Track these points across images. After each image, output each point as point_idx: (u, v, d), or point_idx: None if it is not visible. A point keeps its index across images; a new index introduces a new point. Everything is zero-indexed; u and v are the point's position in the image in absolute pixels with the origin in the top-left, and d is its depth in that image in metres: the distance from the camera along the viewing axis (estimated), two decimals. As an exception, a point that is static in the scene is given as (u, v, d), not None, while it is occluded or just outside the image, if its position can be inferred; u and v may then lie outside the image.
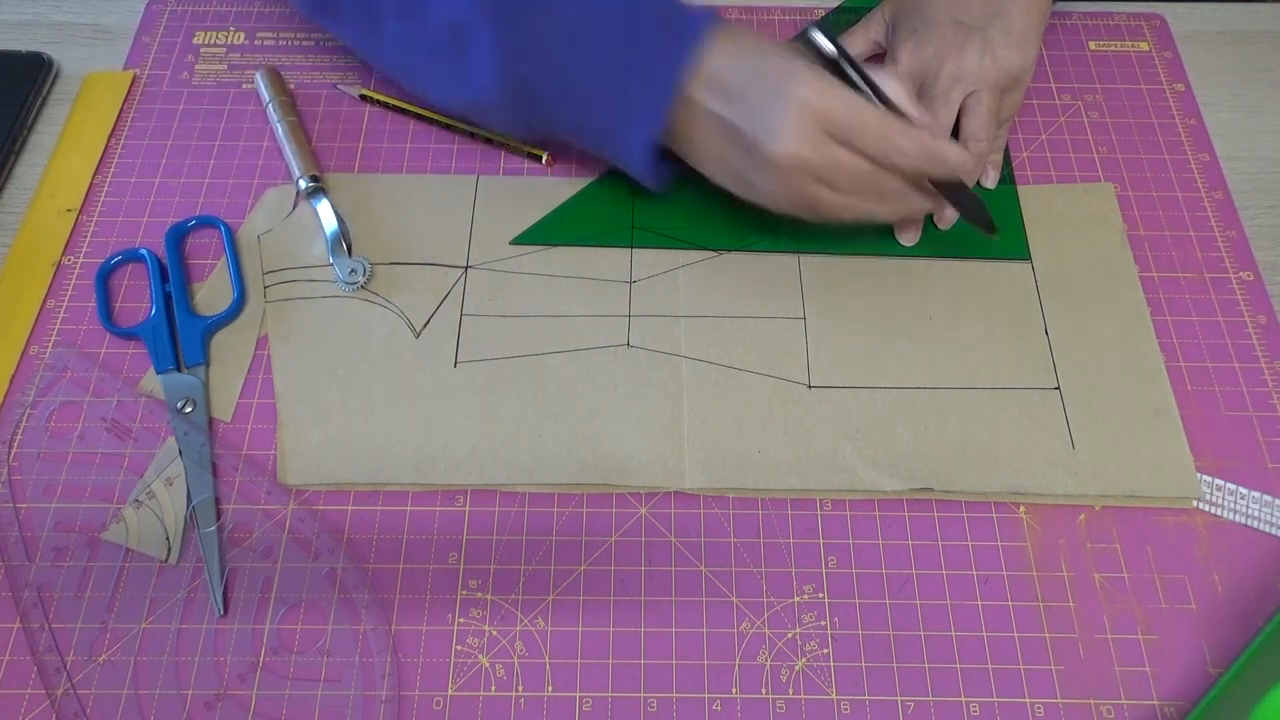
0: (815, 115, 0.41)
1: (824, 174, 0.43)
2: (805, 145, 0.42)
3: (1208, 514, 0.45)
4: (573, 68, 0.45)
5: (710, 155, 0.46)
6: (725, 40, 0.44)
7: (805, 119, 0.41)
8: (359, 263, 0.52)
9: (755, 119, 0.42)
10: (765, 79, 0.42)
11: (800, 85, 0.41)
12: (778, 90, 0.42)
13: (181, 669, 0.42)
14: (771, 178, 0.44)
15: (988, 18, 0.52)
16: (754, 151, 0.43)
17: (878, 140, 0.42)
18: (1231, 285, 0.52)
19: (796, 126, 0.41)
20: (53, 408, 0.48)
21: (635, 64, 0.45)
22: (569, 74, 0.46)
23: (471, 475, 0.46)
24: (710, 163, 0.47)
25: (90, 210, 0.55)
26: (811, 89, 0.41)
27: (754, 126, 0.43)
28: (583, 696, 0.41)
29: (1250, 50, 0.62)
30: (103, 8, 0.64)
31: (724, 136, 0.45)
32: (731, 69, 0.43)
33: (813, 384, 0.48)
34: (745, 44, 0.44)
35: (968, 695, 0.41)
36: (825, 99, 0.41)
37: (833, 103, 0.41)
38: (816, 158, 0.42)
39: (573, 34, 0.45)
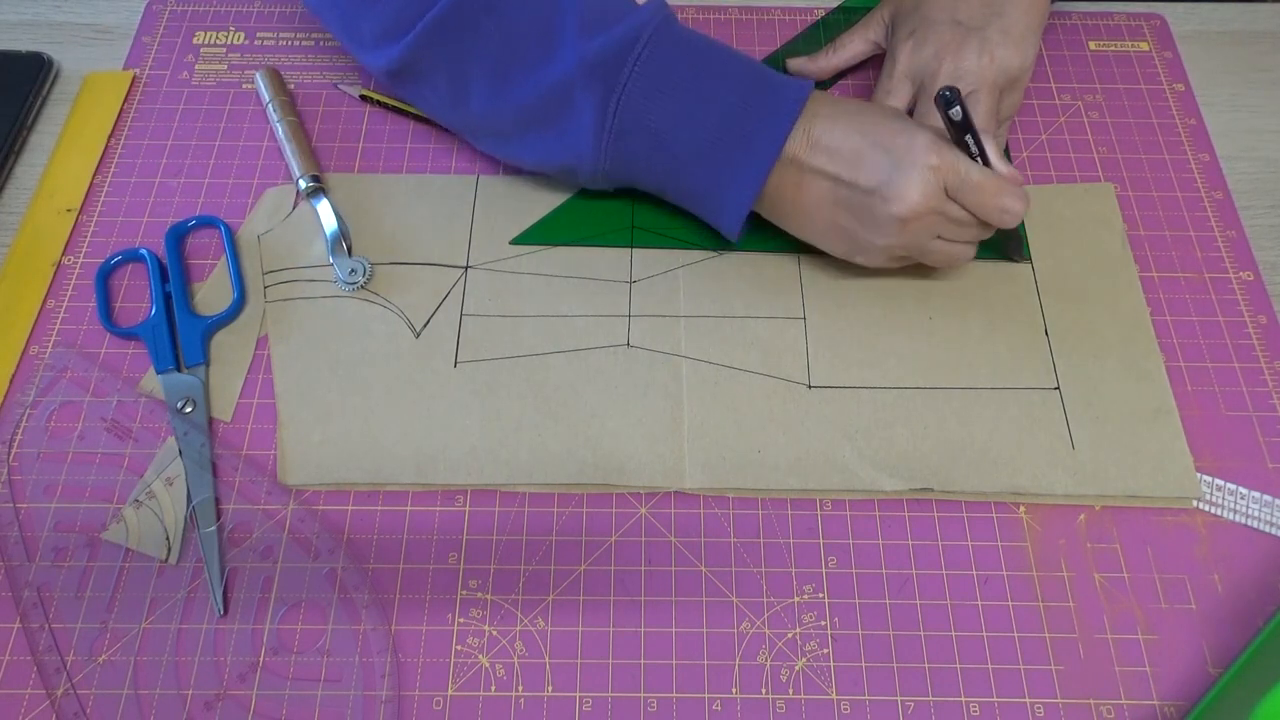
0: (938, 177, 0.44)
1: (938, 227, 0.46)
2: (930, 201, 0.44)
3: (1208, 514, 0.45)
4: (674, 133, 0.46)
5: (812, 213, 0.47)
6: (823, 105, 0.46)
7: (930, 179, 0.44)
8: (359, 263, 0.52)
9: (879, 180, 0.44)
10: (883, 142, 0.45)
11: (923, 149, 0.44)
12: (899, 155, 0.44)
13: (181, 669, 0.42)
14: (890, 233, 0.45)
15: (986, 18, 0.52)
16: (873, 209, 0.45)
17: (989, 199, 0.45)
18: (1231, 285, 0.52)
19: (922, 186, 0.44)
20: (53, 408, 0.48)
21: (738, 129, 0.46)
22: (669, 138, 0.46)
23: (471, 475, 0.46)
24: (810, 220, 0.48)
25: (90, 210, 0.55)
26: (936, 155, 0.44)
27: (876, 184, 0.44)
28: (583, 696, 0.41)
29: (1250, 50, 0.62)
30: (103, 8, 0.64)
31: (835, 195, 0.46)
32: (841, 132, 0.45)
33: (813, 384, 0.48)
34: (848, 107, 0.47)
35: (968, 695, 0.41)
36: (945, 160, 0.44)
37: (954, 166, 0.44)
38: (938, 214, 0.45)
39: (676, 101, 0.46)
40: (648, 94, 0.46)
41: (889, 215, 0.45)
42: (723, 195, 0.48)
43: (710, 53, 0.47)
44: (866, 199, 0.45)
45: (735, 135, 0.46)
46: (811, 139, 0.46)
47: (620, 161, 0.48)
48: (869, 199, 0.45)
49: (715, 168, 0.47)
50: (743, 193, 0.47)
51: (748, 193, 0.47)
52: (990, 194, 0.44)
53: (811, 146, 0.46)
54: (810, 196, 0.47)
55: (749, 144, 0.46)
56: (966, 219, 0.46)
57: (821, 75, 0.59)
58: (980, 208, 0.45)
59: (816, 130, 0.46)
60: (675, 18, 0.48)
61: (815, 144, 0.46)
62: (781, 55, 0.61)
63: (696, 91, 0.46)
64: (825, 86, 0.60)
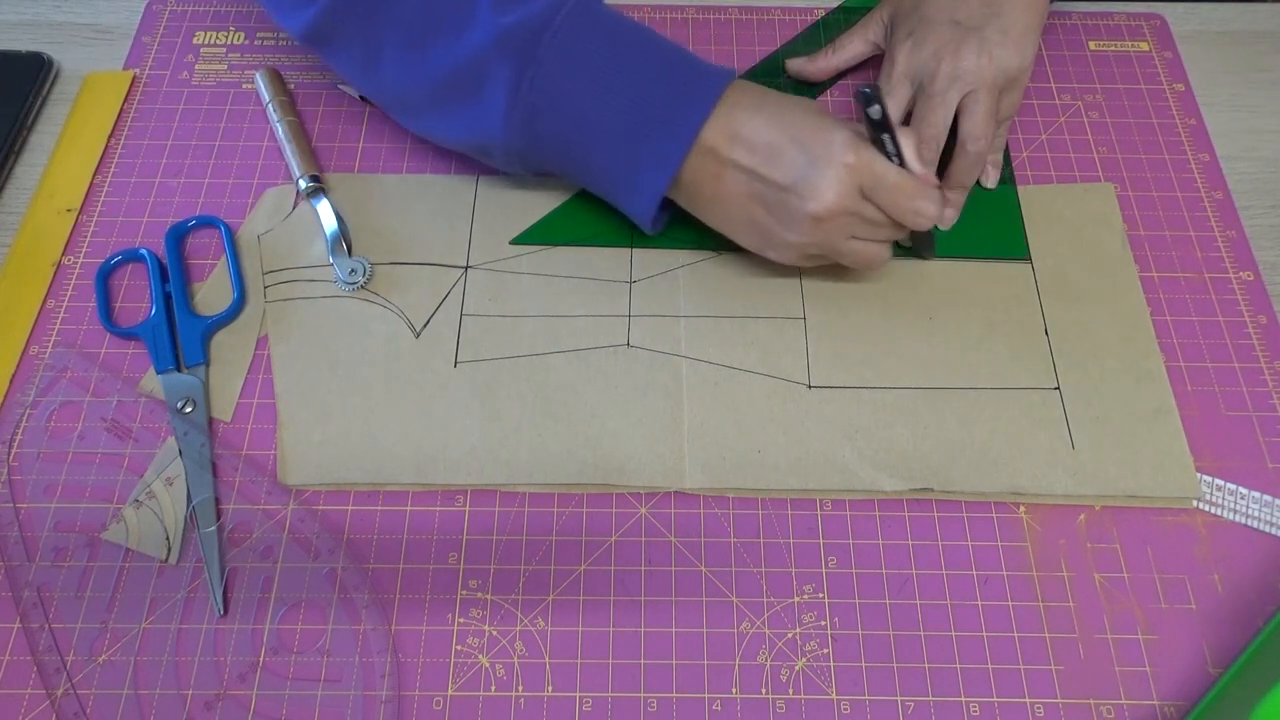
0: (854, 175, 0.44)
1: (853, 227, 0.46)
2: (845, 201, 0.44)
3: (1208, 514, 0.45)
4: (588, 113, 0.45)
5: (727, 205, 0.47)
6: (745, 95, 0.46)
7: (846, 180, 0.44)
8: (359, 263, 0.52)
9: (794, 176, 0.44)
10: (801, 138, 0.44)
11: (840, 148, 0.43)
12: (816, 151, 0.44)
13: (181, 669, 0.42)
14: (804, 231, 0.45)
15: (985, 18, 0.52)
16: (787, 206, 0.45)
17: (903, 200, 0.44)
18: (1231, 285, 0.52)
19: (837, 185, 0.44)
20: (53, 408, 0.48)
21: (653, 112, 0.45)
22: (583, 119, 0.46)
23: (471, 475, 0.46)
24: (726, 212, 0.47)
25: (90, 210, 0.55)
26: (853, 154, 0.43)
27: (791, 181, 0.44)
28: (583, 696, 0.41)
29: (1250, 50, 0.62)
30: (103, 8, 0.64)
31: (750, 188, 0.45)
32: (760, 124, 0.45)
33: (813, 384, 0.48)
34: (770, 100, 0.46)
35: (968, 695, 0.41)
36: (861, 159, 0.44)
37: (870, 165, 0.44)
38: (852, 214, 0.45)
39: (591, 79, 0.45)
40: (563, 73, 0.45)
41: (803, 213, 0.44)
42: (636, 181, 0.47)
43: (631, 34, 0.46)
44: (782, 195, 0.44)
45: (651, 120, 0.45)
46: (730, 130, 0.45)
47: (533, 142, 0.47)
48: (784, 195, 0.44)
49: (629, 153, 0.46)
50: (655, 180, 0.46)
51: (660, 180, 0.46)
52: (905, 195, 0.44)
53: (730, 138, 0.45)
54: (727, 189, 0.46)
55: (664, 130, 0.45)
56: (881, 219, 0.45)
57: (821, 76, 0.59)
58: (894, 208, 0.45)
59: (736, 121, 0.45)
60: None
61: (734, 135, 0.45)
62: (781, 55, 0.61)
63: (614, 73, 0.45)
64: (825, 87, 0.60)
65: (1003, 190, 0.55)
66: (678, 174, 0.46)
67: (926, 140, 0.51)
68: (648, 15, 0.63)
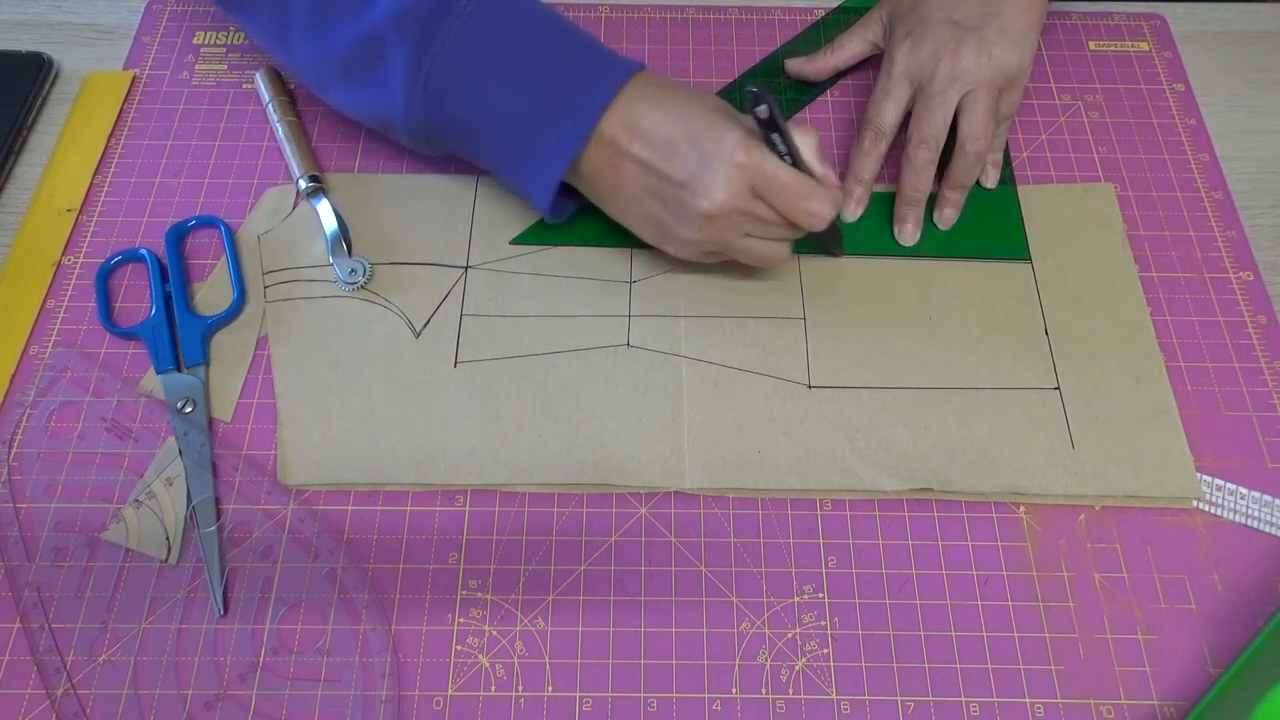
0: (744, 176, 0.44)
1: (746, 225, 0.46)
2: (734, 198, 0.44)
3: (1208, 514, 0.45)
4: (488, 96, 0.45)
5: (625, 197, 0.47)
6: (649, 88, 0.46)
7: (735, 177, 0.44)
8: (359, 263, 0.52)
9: (688, 173, 0.44)
10: (698, 136, 0.44)
11: (732, 147, 0.43)
12: (709, 149, 0.44)
13: (181, 669, 0.42)
14: (697, 228, 0.45)
15: (984, 17, 0.52)
16: (681, 201, 0.45)
17: (795, 201, 0.44)
18: (1231, 285, 0.52)
19: (727, 184, 0.44)
20: (53, 408, 0.48)
21: (553, 99, 0.45)
22: (483, 102, 0.46)
23: (471, 475, 0.46)
24: (624, 204, 0.47)
25: (90, 210, 0.55)
26: (742, 151, 0.43)
27: (685, 177, 0.44)
28: (583, 696, 0.41)
29: (1250, 50, 0.62)
30: (103, 8, 0.64)
31: (646, 182, 0.45)
32: (659, 118, 0.44)
33: (813, 384, 0.48)
34: (672, 94, 0.45)
35: (968, 695, 0.41)
36: (753, 159, 0.43)
37: (758, 163, 0.44)
38: (740, 212, 0.45)
39: (493, 62, 0.45)
40: (465, 54, 0.45)
41: (695, 210, 0.44)
42: (534, 168, 0.47)
43: (537, 19, 0.46)
44: (676, 191, 0.44)
45: (551, 107, 0.45)
46: (630, 122, 0.45)
47: (433, 122, 0.47)
48: (678, 191, 0.44)
49: (528, 139, 0.46)
50: (552, 167, 0.46)
51: (557, 167, 0.46)
52: (797, 196, 0.44)
53: (629, 130, 0.45)
54: (625, 181, 0.46)
55: (563, 117, 0.45)
56: (774, 218, 0.45)
57: (820, 76, 0.59)
58: (786, 208, 0.45)
59: (635, 114, 0.45)
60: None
61: (633, 128, 0.45)
62: (781, 55, 0.61)
63: (517, 57, 0.45)
64: (823, 87, 0.60)
65: (1003, 190, 0.55)
66: (577, 163, 0.47)
67: (926, 140, 0.51)
68: (648, 15, 0.63)
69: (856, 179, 0.54)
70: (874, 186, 0.55)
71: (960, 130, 0.51)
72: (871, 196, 0.54)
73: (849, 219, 0.54)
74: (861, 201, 0.54)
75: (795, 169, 0.44)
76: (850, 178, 0.54)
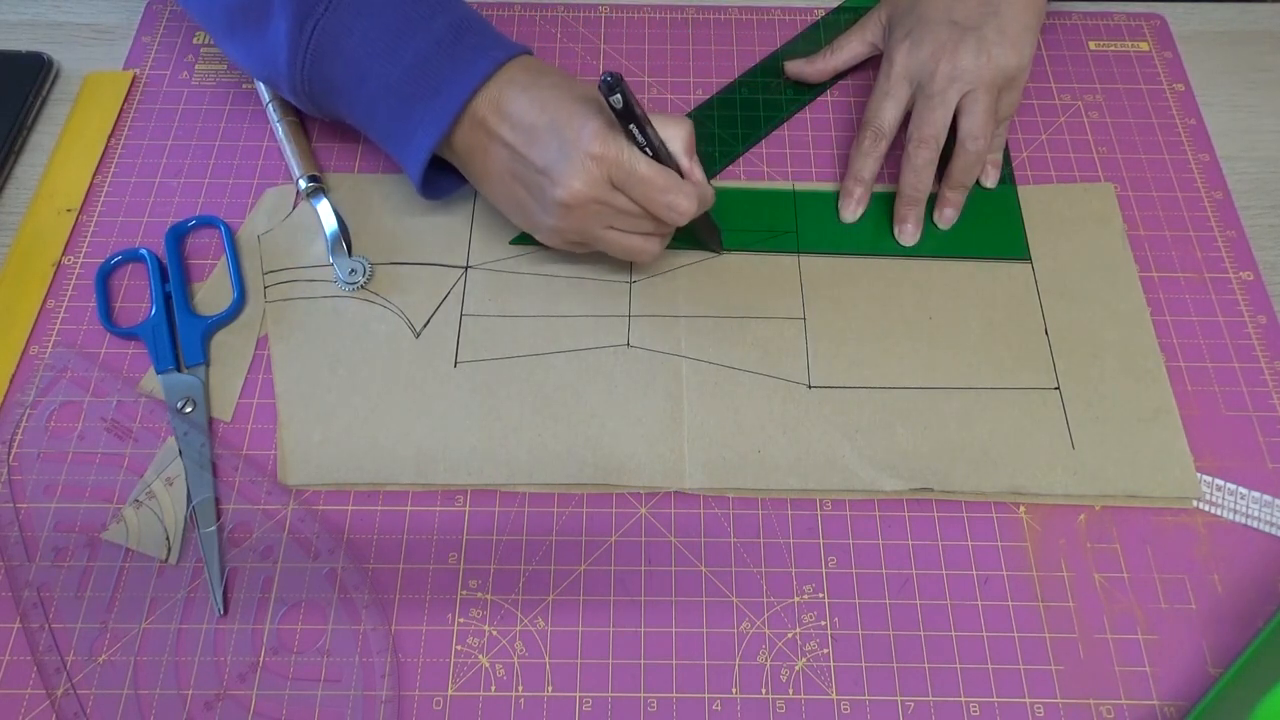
0: (600, 165, 0.43)
1: (607, 217, 0.45)
2: (591, 189, 0.44)
3: (1208, 514, 0.45)
4: (369, 64, 0.46)
5: (493, 180, 0.47)
6: (524, 73, 0.45)
7: (591, 168, 0.43)
8: (359, 263, 0.52)
9: (547, 160, 0.44)
10: (557, 123, 0.44)
11: (589, 138, 0.43)
12: (568, 138, 0.43)
13: (181, 669, 0.42)
14: (556, 215, 0.45)
15: (983, 17, 0.52)
16: (542, 189, 0.45)
17: (654, 194, 0.44)
18: (1231, 285, 0.52)
19: (583, 174, 0.43)
20: (53, 408, 0.48)
21: (428, 74, 0.45)
22: (364, 70, 0.46)
23: (471, 475, 0.46)
24: (493, 186, 0.48)
25: (90, 210, 0.55)
26: (598, 142, 0.43)
27: (545, 165, 0.44)
28: (583, 696, 0.41)
29: (1250, 50, 0.62)
30: (103, 8, 0.64)
31: (511, 166, 0.46)
32: (525, 103, 0.44)
33: (813, 384, 0.48)
34: (545, 80, 0.45)
35: (968, 695, 0.41)
36: (609, 151, 0.43)
37: (615, 155, 0.43)
38: (598, 202, 0.44)
39: (375, 30, 0.45)
40: (348, 21, 0.45)
41: (553, 199, 0.44)
42: (406, 142, 0.47)
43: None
44: (537, 177, 0.45)
45: (426, 81, 0.45)
46: (499, 105, 0.45)
47: (317, 85, 0.47)
48: (539, 178, 0.44)
49: (403, 111, 0.46)
50: (422, 141, 0.46)
51: (427, 141, 0.46)
52: (656, 189, 0.44)
53: (498, 112, 0.45)
54: (493, 163, 0.46)
55: (436, 93, 0.45)
56: (635, 211, 0.45)
57: (819, 77, 0.59)
58: (645, 201, 0.44)
59: (506, 96, 0.45)
60: None
61: (502, 111, 0.45)
62: (781, 55, 0.61)
63: (398, 27, 0.45)
64: (823, 88, 0.60)
65: (1003, 190, 0.55)
66: (451, 142, 0.47)
67: (926, 140, 0.51)
68: (648, 15, 0.63)
69: (856, 179, 0.54)
70: (874, 186, 0.55)
71: (960, 130, 0.51)
72: (871, 196, 0.54)
73: (849, 220, 0.54)
74: (862, 202, 0.54)
75: (656, 162, 0.44)
76: (850, 178, 0.54)
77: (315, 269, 0.52)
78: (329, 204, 0.53)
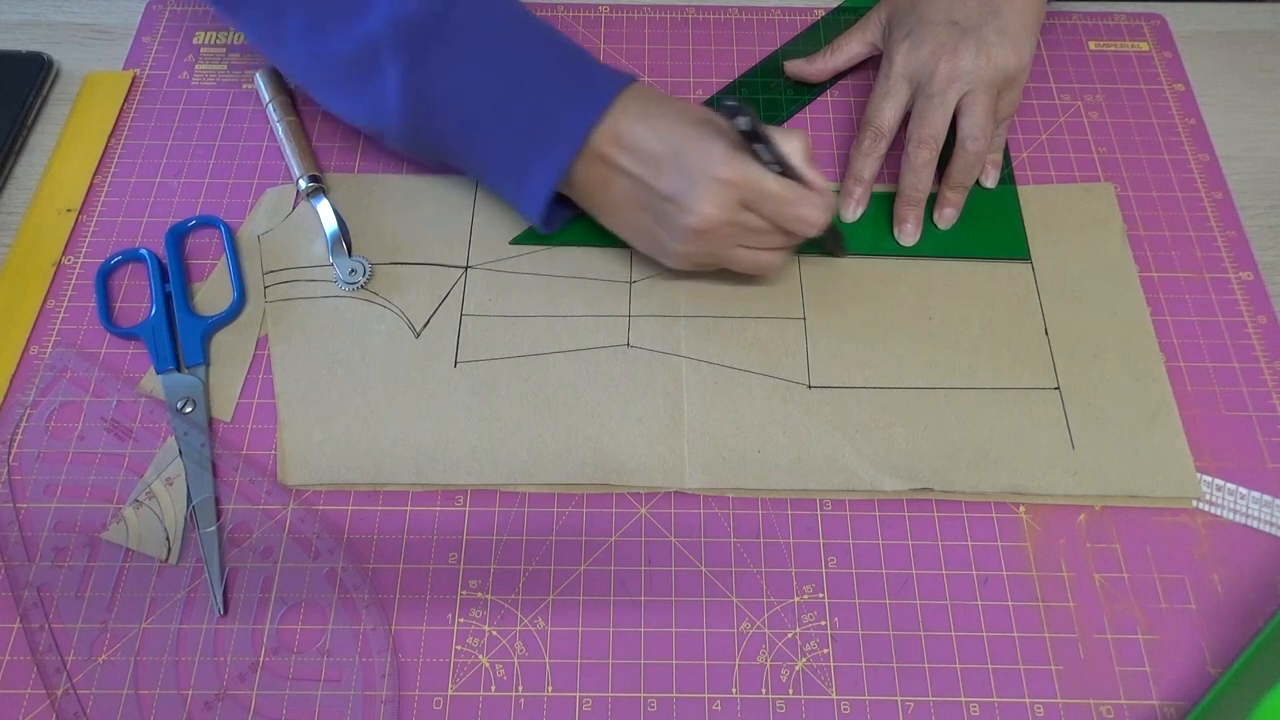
0: (731, 189, 0.44)
1: (738, 237, 0.46)
2: (723, 212, 0.44)
3: (1208, 514, 0.45)
4: (480, 109, 0.46)
5: (618, 210, 0.47)
6: (637, 102, 0.46)
7: (721, 191, 0.44)
8: (359, 263, 0.52)
9: (675, 188, 0.44)
10: (680, 150, 0.44)
11: (716, 162, 0.43)
12: (693, 164, 0.44)
13: (181, 669, 0.42)
14: (687, 241, 0.45)
15: (983, 17, 0.52)
16: (670, 216, 0.45)
17: (786, 209, 0.44)
18: (1231, 285, 0.52)
19: (714, 198, 0.44)
20: (53, 408, 0.48)
21: (544, 113, 0.45)
22: (475, 115, 0.46)
23: (471, 475, 0.46)
24: (617, 217, 0.48)
25: (90, 210, 0.55)
26: (727, 167, 0.43)
27: (672, 192, 0.44)
28: (583, 696, 0.41)
29: (1250, 50, 0.62)
30: (103, 8, 0.64)
31: (636, 196, 0.46)
32: (644, 132, 0.45)
33: (813, 384, 0.48)
34: (659, 108, 0.45)
35: (968, 695, 0.41)
36: (738, 173, 0.43)
37: (745, 177, 0.43)
38: (730, 224, 0.45)
39: (485, 75, 0.45)
40: (457, 65, 0.45)
41: (685, 225, 0.44)
42: (523, 181, 0.47)
43: (528, 30, 0.46)
44: (665, 205, 0.45)
45: (542, 120, 0.45)
46: (618, 135, 0.45)
47: (425, 133, 0.47)
48: (667, 206, 0.45)
49: (519, 152, 0.46)
50: (544, 181, 0.46)
51: (548, 181, 0.46)
52: (787, 204, 0.44)
53: (618, 143, 0.45)
54: (616, 194, 0.46)
55: (554, 131, 0.45)
56: (766, 228, 0.45)
57: (819, 77, 0.59)
58: (778, 217, 0.45)
59: (623, 127, 0.45)
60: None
61: (621, 141, 0.45)
62: (781, 55, 0.61)
63: (508, 69, 0.45)
64: (823, 88, 0.60)
65: (1003, 190, 0.55)
66: (570, 175, 0.47)
67: (925, 140, 0.51)
68: (648, 15, 0.63)
69: (856, 179, 0.54)
70: (874, 186, 0.55)
71: (960, 130, 0.51)
72: (871, 197, 0.54)
73: (849, 219, 0.54)
74: (861, 202, 0.54)
75: (783, 177, 0.44)
76: (850, 178, 0.54)
77: (315, 269, 0.52)
78: (329, 204, 0.53)
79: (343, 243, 0.52)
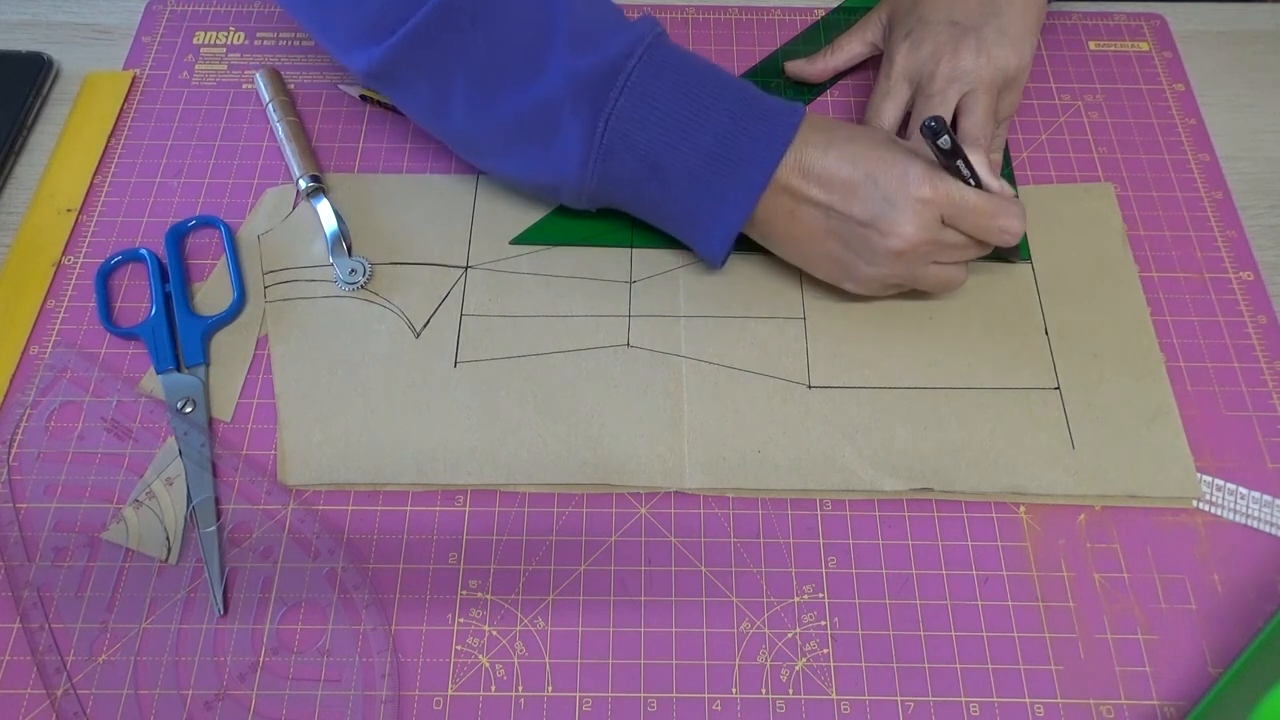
0: (932, 208, 0.44)
1: (934, 254, 0.46)
2: (925, 232, 0.44)
3: (1208, 514, 0.45)
4: (662, 156, 0.45)
5: (803, 240, 0.47)
6: (815, 131, 0.46)
7: (922, 211, 0.44)
8: (359, 263, 0.52)
9: (872, 212, 0.44)
10: (874, 174, 0.44)
11: (916, 182, 0.44)
12: (891, 187, 0.44)
13: (181, 669, 0.42)
14: (885, 264, 0.46)
15: (983, 17, 0.52)
16: (867, 240, 0.45)
17: (988, 221, 0.45)
18: (1231, 285, 0.52)
19: (915, 219, 0.44)
20: (53, 408, 0.48)
21: (729, 154, 0.45)
22: (657, 161, 0.46)
23: (471, 475, 0.46)
24: (799, 246, 0.48)
25: (90, 210, 0.55)
26: (926, 185, 0.44)
27: (870, 217, 0.44)
28: (583, 696, 0.41)
29: (1250, 50, 0.62)
30: (103, 8, 0.64)
31: (827, 224, 0.46)
32: (832, 161, 0.45)
33: (813, 384, 0.48)
34: (839, 135, 0.46)
35: (968, 695, 0.41)
36: (939, 191, 0.44)
37: (948, 195, 0.44)
38: (932, 242, 0.45)
39: (665, 122, 0.45)
40: (637, 115, 0.45)
41: (884, 248, 0.45)
42: (710, 221, 0.47)
43: (702, 74, 0.46)
44: (861, 231, 0.45)
45: (725, 160, 0.45)
46: (803, 166, 0.45)
47: (606, 183, 0.47)
48: (864, 231, 0.45)
49: (703, 193, 0.46)
50: (730, 219, 0.47)
51: (735, 219, 0.46)
52: (989, 216, 0.45)
53: (804, 174, 0.45)
54: (803, 225, 0.46)
55: (739, 170, 0.45)
56: (962, 242, 0.46)
57: (819, 77, 0.59)
58: (980, 230, 0.45)
59: (808, 158, 0.45)
60: (667, 35, 0.47)
61: (807, 172, 0.45)
62: (780, 56, 0.61)
63: (687, 114, 0.45)
64: (823, 88, 0.60)
65: (1003, 190, 0.55)
66: (753, 211, 0.47)
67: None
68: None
69: None
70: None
71: (960, 130, 0.51)
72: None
73: None
74: None
75: (980, 190, 0.45)
76: None
77: (315, 269, 0.52)
78: (329, 204, 0.53)
79: (343, 243, 0.52)
